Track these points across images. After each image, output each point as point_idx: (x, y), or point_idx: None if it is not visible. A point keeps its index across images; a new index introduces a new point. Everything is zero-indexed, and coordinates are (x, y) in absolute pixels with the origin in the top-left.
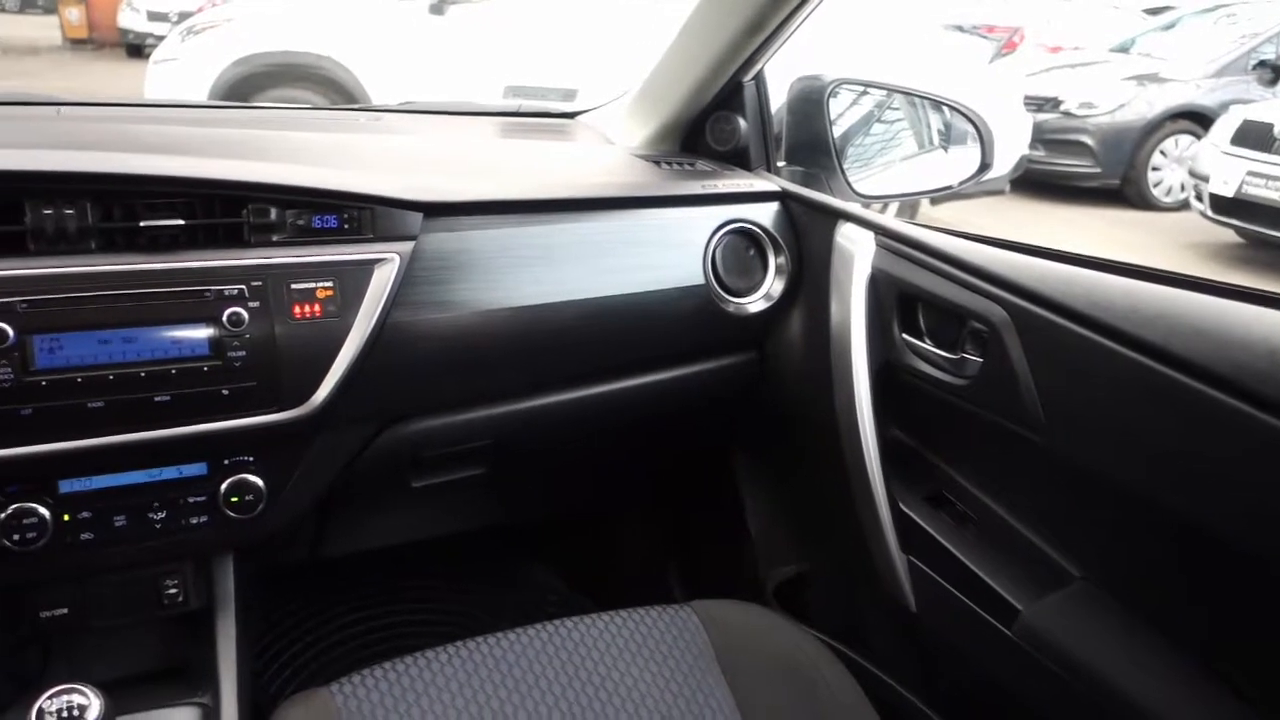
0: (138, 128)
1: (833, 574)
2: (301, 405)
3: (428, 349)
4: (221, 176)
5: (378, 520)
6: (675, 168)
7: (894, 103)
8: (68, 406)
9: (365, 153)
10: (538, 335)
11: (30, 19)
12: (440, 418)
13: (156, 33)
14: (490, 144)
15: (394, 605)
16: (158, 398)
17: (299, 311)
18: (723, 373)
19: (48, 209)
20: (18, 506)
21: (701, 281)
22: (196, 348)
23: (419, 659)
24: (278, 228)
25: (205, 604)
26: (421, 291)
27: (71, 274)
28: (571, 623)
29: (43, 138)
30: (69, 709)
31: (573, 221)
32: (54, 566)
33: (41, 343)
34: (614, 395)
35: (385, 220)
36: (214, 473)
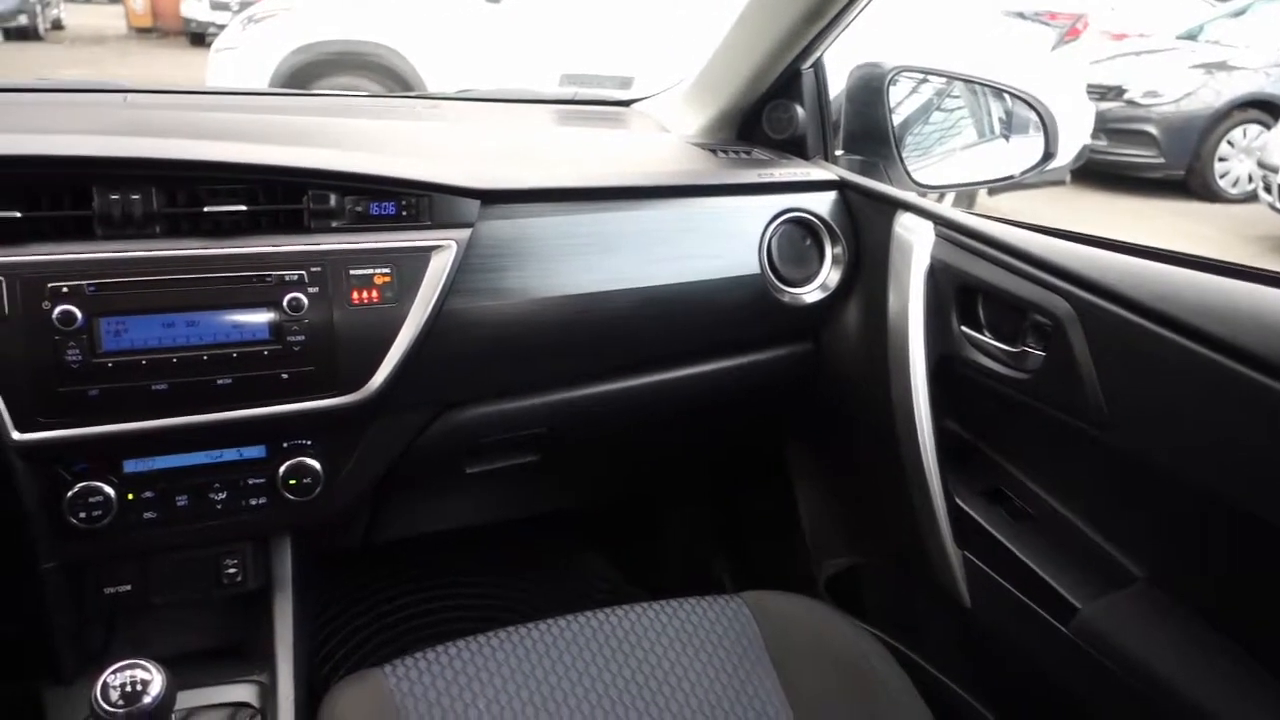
0: (201, 115)
1: (886, 568)
2: (358, 390)
3: (483, 336)
4: (283, 163)
5: (432, 505)
6: (731, 156)
7: (954, 90)
8: (133, 388)
9: (423, 140)
10: (592, 323)
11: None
12: (494, 405)
13: (218, 21)
14: (546, 132)
15: (446, 590)
16: (219, 381)
17: (357, 297)
18: (777, 363)
19: (114, 194)
20: (84, 485)
21: (757, 271)
22: (257, 332)
23: (470, 643)
24: (337, 214)
25: (263, 584)
26: (477, 279)
27: (137, 258)
28: (622, 611)
29: (110, 124)
30: (132, 683)
31: (628, 210)
32: (118, 544)
33: (108, 325)
34: (667, 384)
35: (443, 207)
36: (273, 455)
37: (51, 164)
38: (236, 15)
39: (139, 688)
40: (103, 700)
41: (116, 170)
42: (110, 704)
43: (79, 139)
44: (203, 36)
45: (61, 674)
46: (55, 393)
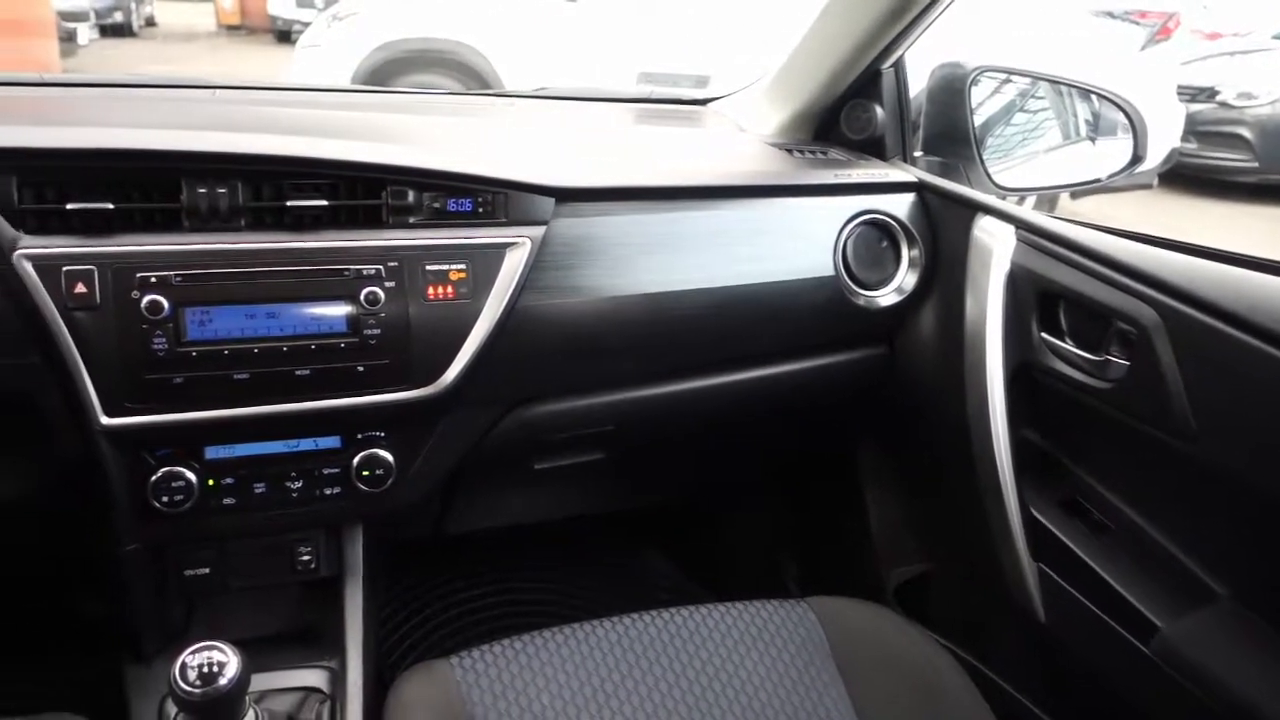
0: (286, 111)
1: (957, 577)
2: (431, 384)
3: (554, 333)
4: (363, 159)
5: (500, 500)
6: (808, 156)
7: (1038, 91)
8: (215, 377)
9: (500, 138)
10: (664, 323)
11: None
12: (564, 402)
13: (303, 19)
14: (622, 130)
15: (511, 584)
16: (298, 372)
17: (432, 293)
18: (850, 366)
19: (202, 187)
20: (167, 470)
21: (831, 273)
22: (335, 325)
23: (536, 638)
24: (415, 210)
25: (335, 572)
26: (551, 276)
27: (222, 250)
28: (687, 611)
29: (199, 120)
30: (209, 664)
31: (702, 209)
32: (198, 528)
33: (193, 315)
34: (737, 386)
35: (518, 205)
36: (347, 446)
37: (143, 157)
38: (321, 13)
39: (216, 669)
40: (181, 680)
41: (204, 164)
42: (188, 684)
43: (169, 133)
44: (288, 34)
45: (142, 653)
46: (142, 380)
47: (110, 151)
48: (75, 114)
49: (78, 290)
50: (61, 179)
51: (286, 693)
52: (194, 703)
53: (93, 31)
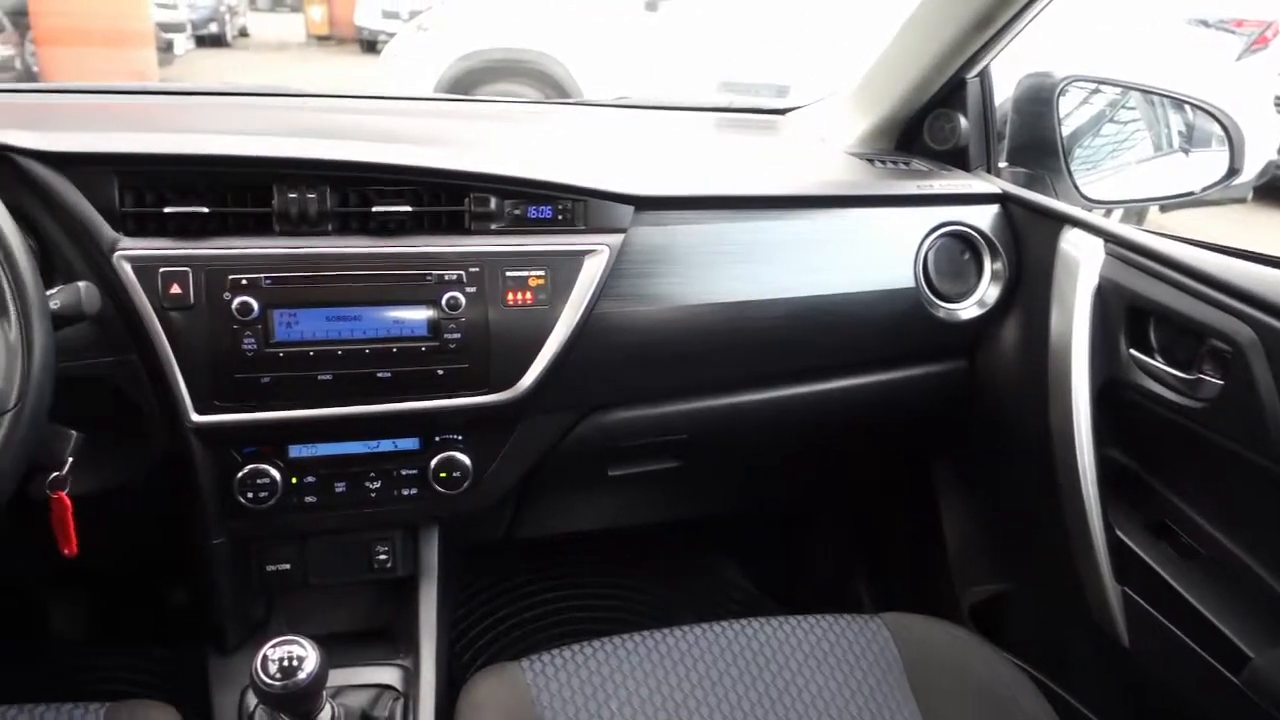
0: (372, 119)
1: (1036, 598)
2: (509, 389)
3: (631, 341)
4: (447, 166)
5: (574, 505)
6: (889, 166)
7: (1129, 101)
8: (301, 378)
9: (580, 146)
10: (741, 332)
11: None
12: (639, 409)
13: (388, 30)
14: (701, 139)
15: (581, 589)
16: (380, 374)
17: (512, 298)
18: (929, 380)
19: (293, 193)
20: (253, 467)
21: (911, 285)
22: (416, 328)
23: (606, 644)
24: (496, 217)
25: (411, 571)
26: (629, 284)
27: (310, 254)
28: (759, 623)
29: (290, 127)
30: (289, 658)
31: (781, 219)
32: (280, 524)
33: (281, 317)
34: (814, 397)
35: (598, 212)
36: (425, 448)
37: (237, 163)
38: (406, 24)
39: (295, 663)
40: (262, 672)
41: (295, 170)
42: (269, 676)
43: (262, 140)
44: (374, 44)
45: (225, 644)
46: (231, 379)
47: (206, 157)
48: (173, 121)
49: (173, 291)
50: (160, 183)
51: (362, 689)
52: (274, 695)
53: (189, 42)
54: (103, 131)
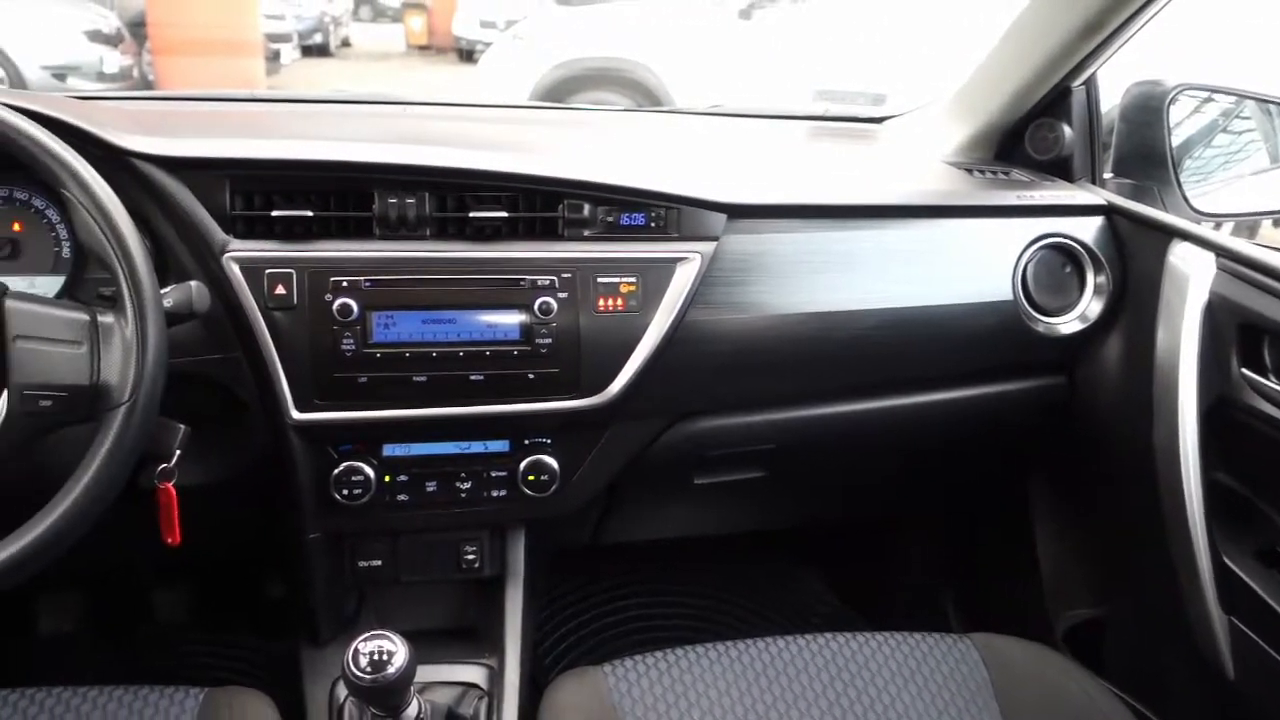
0: (470, 126)
1: (1135, 624)
2: (598, 394)
3: (721, 349)
4: (543, 173)
5: (659, 512)
6: (988, 176)
7: (1244, 111)
8: (396, 378)
9: (673, 154)
10: (832, 342)
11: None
12: (727, 418)
13: (485, 39)
14: (795, 147)
15: (664, 596)
16: (472, 376)
17: (603, 304)
18: (1025, 395)
19: (393, 198)
20: (348, 465)
21: (1009, 298)
22: (509, 332)
23: (689, 652)
24: (589, 223)
25: (497, 572)
26: (720, 292)
27: (409, 258)
28: (844, 638)
29: (392, 134)
30: (379, 653)
31: (876, 228)
32: (373, 521)
33: (379, 319)
34: (905, 410)
35: (690, 220)
36: (515, 451)
37: (341, 168)
38: (503, 33)
39: (385, 658)
40: (353, 665)
41: (396, 176)
42: (359, 669)
43: (365, 147)
44: (471, 53)
45: (317, 636)
46: (331, 378)
47: (313, 163)
48: (281, 128)
49: (277, 291)
50: (268, 187)
51: (447, 686)
52: (364, 688)
53: (295, 51)
54: (216, 137)
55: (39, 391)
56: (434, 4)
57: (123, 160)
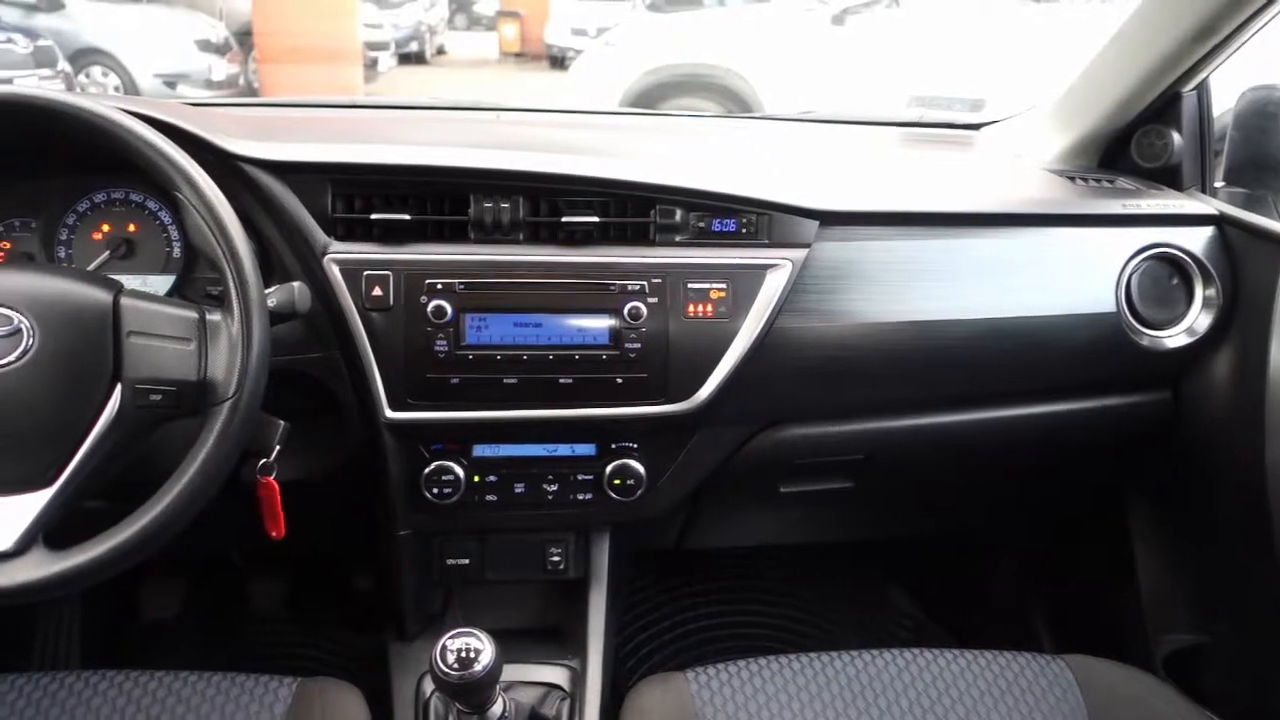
0: (562, 132)
1: (1242, 652)
2: (686, 400)
3: (811, 357)
4: (635, 179)
5: (743, 519)
6: (1092, 184)
7: None
8: (487, 380)
9: (764, 160)
10: (926, 352)
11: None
12: (815, 426)
13: (576, 46)
14: (889, 154)
15: (746, 604)
16: (561, 380)
17: (692, 310)
18: (1126, 411)
19: (488, 202)
20: (439, 464)
21: (1112, 310)
22: (598, 336)
23: (773, 662)
24: (681, 229)
25: (582, 574)
26: (810, 299)
27: (502, 261)
28: (931, 654)
29: (488, 139)
30: (466, 650)
31: (973, 237)
32: (461, 520)
33: (472, 321)
34: (1001, 422)
35: (781, 226)
36: (602, 454)
37: (440, 173)
38: (594, 40)
39: (472, 655)
40: (441, 661)
41: (492, 180)
42: (447, 665)
43: (462, 152)
44: (562, 59)
45: (405, 631)
46: (424, 378)
47: (411, 167)
48: (380, 133)
49: (375, 293)
50: (368, 191)
51: (531, 686)
52: (451, 684)
53: (392, 59)
54: (319, 142)
55: (150, 386)
56: (528, 12)
57: (232, 164)
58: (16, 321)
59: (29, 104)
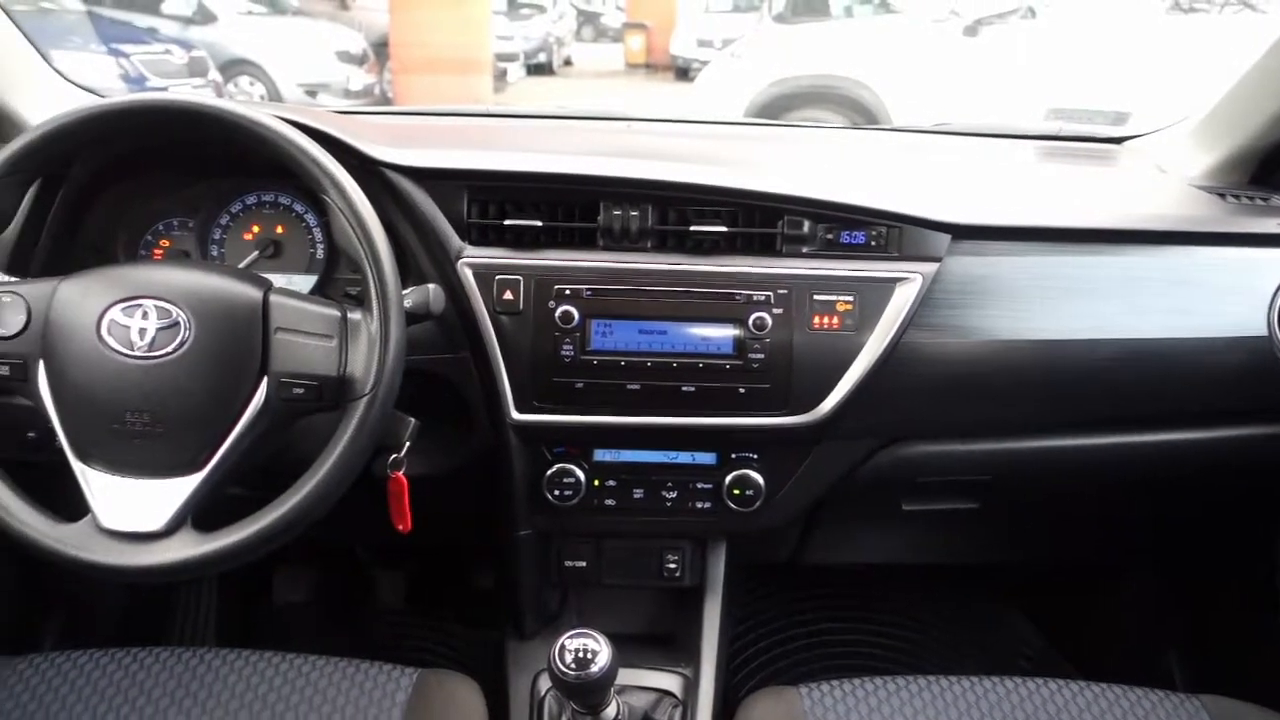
0: (690, 142)
1: None
2: (808, 413)
3: (938, 373)
4: (765, 189)
5: (862, 535)
6: (1244, 202)
7: None
8: (611, 386)
9: (895, 172)
10: (1061, 373)
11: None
12: (940, 444)
13: (701, 58)
14: (1025, 168)
15: (862, 622)
16: (684, 388)
17: (818, 322)
18: (1276, 442)
19: (618, 210)
20: (561, 466)
21: (1263, 333)
22: (722, 346)
23: (888, 682)
24: (809, 240)
25: (697, 583)
26: (940, 314)
27: (630, 269)
28: (1055, 685)
29: (617, 148)
30: (584, 650)
31: (1115, 254)
32: (580, 523)
33: (598, 327)
34: (1139, 448)
35: (912, 239)
36: (721, 464)
37: (571, 181)
38: (719, 51)
39: (589, 656)
40: (559, 660)
41: (622, 189)
42: (565, 665)
43: (594, 160)
44: (686, 70)
45: (523, 629)
46: (550, 381)
47: (545, 175)
48: (513, 141)
49: (505, 297)
50: (502, 198)
51: (644, 690)
52: (568, 684)
53: (520, 70)
54: (455, 149)
55: (294, 379)
56: (654, 24)
57: (375, 169)
58: (175, 315)
59: (194, 111)
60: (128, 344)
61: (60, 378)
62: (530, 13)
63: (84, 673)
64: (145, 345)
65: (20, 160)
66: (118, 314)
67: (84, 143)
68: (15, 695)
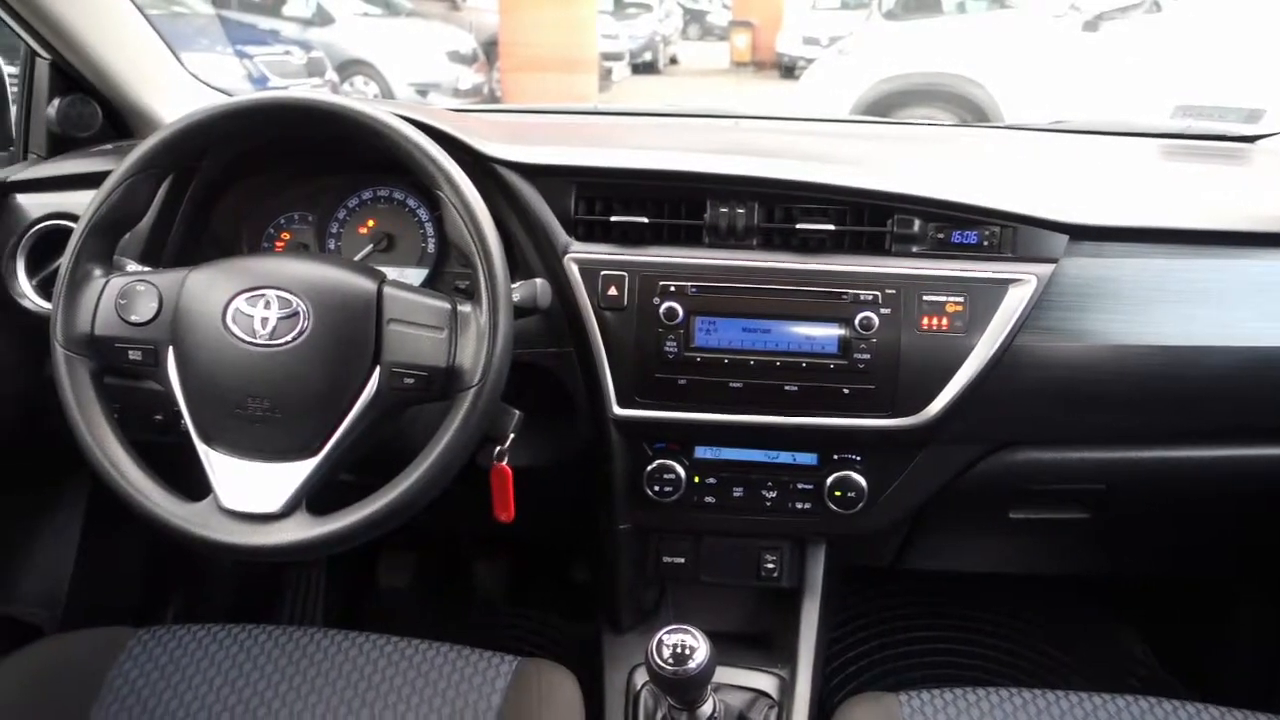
0: (797, 139)
1: None
2: (914, 415)
3: (1052, 378)
4: (875, 187)
5: (966, 542)
6: None
7: None
8: (714, 383)
9: (1009, 170)
10: (1183, 380)
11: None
12: (1051, 451)
13: (807, 55)
14: (1148, 167)
15: (964, 631)
16: (786, 387)
17: (926, 323)
18: None
19: (724, 207)
20: (661, 462)
21: None
22: (827, 345)
23: (992, 694)
24: (918, 239)
25: (795, 584)
26: (1055, 317)
27: (735, 266)
28: (1171, 705)
29: (723, 145)
30: (681, 646)
31: (1244, 258)
32: (679, 520)
33: (702, 324)
34: (1260, 462)
35: (1026, 240)
36: (823, 465)
37: (678, 178)
38: (826, 49)
39: (687, 652)
40: (657, 655)
41: (728, 186)
42: (662, 660)
43: (701, 157)
44: (791, 68)
45: (620, 623)
46: (653, 377)
47: (652, 172)
48: (620, 138)
49: (610, 293)
50: (609, 194)
51: (740, 690)
52: (665, 679)
53: (625, 69)
54: (564, 146)
55: (405, 369)
56: (760, 21)
57: (486, 166)
58: (295, 305)
59: (317, 108)
60: (250, 332)
61: (187, 363)
62: (636, 11)
63: (202, 645)
64: (267, 334)
65: (156, 156)
66: (242, 303)
67: (214, 139)
68: (139, 663)
